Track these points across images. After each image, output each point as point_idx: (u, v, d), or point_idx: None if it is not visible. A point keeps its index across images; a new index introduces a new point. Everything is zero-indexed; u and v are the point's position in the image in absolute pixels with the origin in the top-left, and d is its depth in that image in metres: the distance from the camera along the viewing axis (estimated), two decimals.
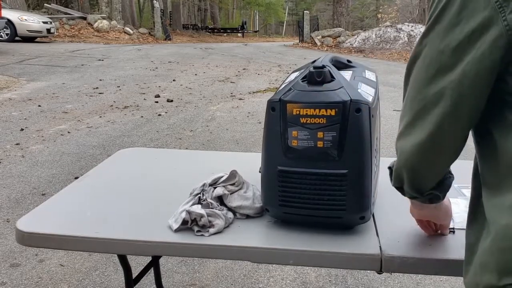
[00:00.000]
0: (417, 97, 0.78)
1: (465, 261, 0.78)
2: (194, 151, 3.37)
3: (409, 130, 0.80)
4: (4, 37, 13.43)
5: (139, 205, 1.35)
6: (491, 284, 0.68)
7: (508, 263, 0.66)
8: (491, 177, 0.73)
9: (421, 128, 0.77)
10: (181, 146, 4.50)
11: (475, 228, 0.77)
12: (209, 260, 2.37)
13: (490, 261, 0.69)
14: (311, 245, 1.11)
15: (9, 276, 2.24)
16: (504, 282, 0.66)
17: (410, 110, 0.79)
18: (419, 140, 0.78)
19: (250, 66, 11.32)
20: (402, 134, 0.82)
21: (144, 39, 19.07)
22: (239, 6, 46.55)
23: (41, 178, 3.52)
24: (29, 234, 1.20)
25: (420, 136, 0.77)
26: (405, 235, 1.15)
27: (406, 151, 0.81)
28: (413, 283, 2.22)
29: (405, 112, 0.81)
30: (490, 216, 0.71)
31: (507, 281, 0.66)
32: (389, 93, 7.37)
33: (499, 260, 0.68)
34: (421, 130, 0.77)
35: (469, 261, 0.76)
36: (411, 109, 0.79)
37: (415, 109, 0.78)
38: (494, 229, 0.69)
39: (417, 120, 0.78)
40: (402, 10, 32.57)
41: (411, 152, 0.80)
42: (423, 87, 0.77)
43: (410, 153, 0.80)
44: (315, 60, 1.21)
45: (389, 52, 15.41)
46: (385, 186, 1.43)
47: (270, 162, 1.15)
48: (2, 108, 5.82)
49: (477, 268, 0.72)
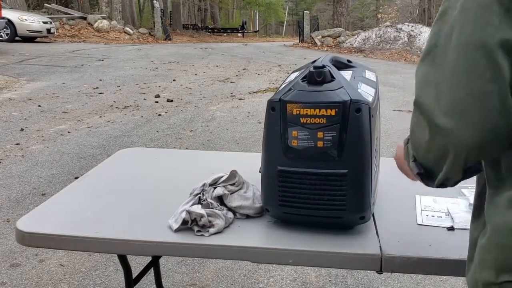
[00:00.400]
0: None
1: (468, 258, 0.78)
2: (194, 151, 3.37)
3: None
4: (4, 37, 13.42)
5: (139, 205, 1.35)
6: (490, 281, 0.68)
7: (506, 260, 0.66)
8: (493, 176, 0.72)
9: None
10: (181, 146, 4.50)
11: (478, 224, 0.76)
12: (209, 260, 2.37)
13: (488, 258, 0.69)
14: (311, 245, 1.11)
15: (9, 276, 2.24)
16: (501, 279, 0.66)
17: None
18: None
19: (250, 66, 11.32)
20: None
21: (144, 39, 19.07)
22: (239, 6, 46.54)
23: (41, 178, 3.52)
24: (29, 234, 1.20)
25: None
26: (405, 235, 1.15)
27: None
28: (413, 283, 2.22)
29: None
30: (488, 213, 0.72)
31: (504, 278, 0.66)
32: (389, 93, 7.37)
33: (496, 257, 0.68)
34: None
35: (471, 258, 0.76)
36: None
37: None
38: (491, 227, 0.69)
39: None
40: (402, 10, 32.60)
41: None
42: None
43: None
44: (315, 60, 1.21)
45: (389, 52, 15.41)
46: (385, 186, 1.43)
47: (270, 162, 1.15)
48: (2, 108, 5.82)
49: (477, 265, 0.72)
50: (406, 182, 1.52)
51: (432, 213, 1.27)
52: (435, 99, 0.66)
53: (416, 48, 15.14)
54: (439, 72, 0.66)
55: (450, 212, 1.25)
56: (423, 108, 0.68)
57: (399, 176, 1.60)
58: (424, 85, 0.69)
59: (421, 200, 1.35)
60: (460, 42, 0.64)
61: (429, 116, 0.67)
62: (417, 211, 1.28)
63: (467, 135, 0.64)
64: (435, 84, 0.67)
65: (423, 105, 0.68)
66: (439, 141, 0.68)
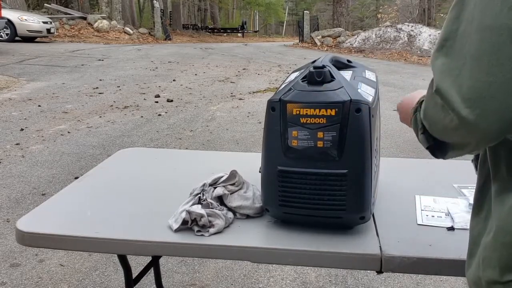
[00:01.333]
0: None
1: (468, 254, 0.77)
2: (194, 151, 3.37)
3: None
4: (4, 37, 13.43)
5: (139, 205, 1.35)
6: (494, 280, 0.67)
7: (506, 258, 0.65)
8: (506, 171, 0.69)
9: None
10: (181, 146, 4.50)
11: (478, 220, 0.75)
12: (209, 260, 2.37)
13: (493, 257, 0.67)
14: (311, 245, 1.11)
15: (9, 276, 2.24)
16: (506, 278, 0.65)
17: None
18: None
19: (250, 66, 11.32)
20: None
21: (144, 39, 19.07)
22: (239, 6, 46.53)
23: (41, 178, 3.52)
24: (29, 234, 1.20)
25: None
26: (405, 235, 1.15)
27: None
28: (413, 283, 2.22)
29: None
30: (494, 210, 0.69)
31: (509, 277, 0.65)
32: (389, 93, 7.37)
33: (502, 256, 0.66)
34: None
35: (472, 254, 0.75)
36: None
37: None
38: (497, 225, 0.67)
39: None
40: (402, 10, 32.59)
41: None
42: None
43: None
44: (315, 60, 1.21)
45: (389, 52, 15.41)
46: (385, 186, 1.43)
47: (270, 162, 1.15)
48: (2, 108, 5.82)
49: (480, 263, 0.70)
50: (406, 182, 1.53)
51: (432, 213, 1.27)
52: (456, 87, 0.63)
53: (416, 48, 15.14)
54: (460, 58, 0.63)
55: (450, 212, 1.25)
56: (444, 97, 0.65)
57: (399, 176, 1.60)
58: (444, 73, 0.65)
59: (421, 200, 1.35)
60: (484, 24, 0.60)
61: (451, 104, 0.64)
62: (417, 211, 1.28)
63: (490, 126, 0.62)
64: (456, 71, 0.63)
65: (444, 93, 0.65)
66: (461, 130, 0.65)
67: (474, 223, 0.77)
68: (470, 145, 0.69)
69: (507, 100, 0.60)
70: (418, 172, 1.63)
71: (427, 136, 0.77)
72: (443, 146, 0.76)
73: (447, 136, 0.71)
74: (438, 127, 0.71)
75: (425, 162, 1.83)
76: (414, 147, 4.46)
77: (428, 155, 0.84)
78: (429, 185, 1.47)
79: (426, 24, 19.36)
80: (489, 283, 0.68)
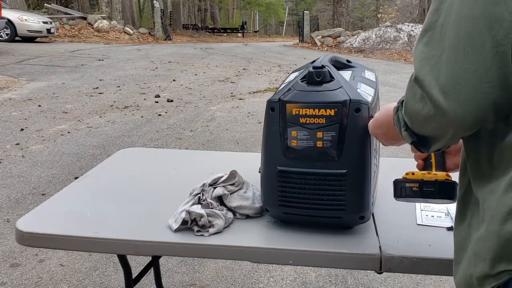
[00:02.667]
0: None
1: (454, 262, 0.76)
2: (194, 151, 3.38)
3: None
4: (4, 37, 13.43)
5: (139, 205, 1.35)
6: (485, 273, 0.65)
7: (503, 248, 0.63)
8: (486, 163, 0.70)
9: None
10: (181, 146, 4.50)
11: (465, 224, 0.74)
12: (209, 260, 2.37)
13: (484, 248, 0.66)
14: (311, 245, 1.11)
15: (9, 276, 2.24)
16: (497, 269, 0.63)
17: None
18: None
19: (250, 66, 11.32)
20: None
21: (144, 39, 19.07)
22: (239, 6, 46.53)
23: (41, 178, 3.52)
24: (29, 234, 1.20)
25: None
26: (405, 235, 1.15)
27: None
28: (413, 283, 2.22)
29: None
30: (483, 205, 0.68)
31: (500, 268, 0.63)
32: (389, 93, 7.37)
33: (493, 245, 0.64)
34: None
35: (458, 260, 0.74)
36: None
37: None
38: (489, 215, 0.66)
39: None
40: (402, 10, 32.56)
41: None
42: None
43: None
44: (315, 60, 1.21)
45: (389, 52, 15.41)
46: (385, 186, 1.43)
47: (269, 162, 1.15)
48: (2, 108, 5.83)
49: (471, 260, 0.69)
50: None
51: (432, 213, 1.27)
52: (434, 75, 0.65)
53: None
54: (439, 46, 0.66)
55: (449, 212, 1.26)
56: (422, 85, 0.67)
57: (399, 176, 1.60)
58: (423, 61, 0.67)
59: None
60: (461, 14, 0.63)
61: (428, 92, 0.66)
62: (417, 211, 1.28)
63: (465, 113, 0.63)
64: (435, 59, 0.66)
65: (422, 81, 0.67)
66: (438, 118, 0.67)
67: (458, 231, 0.76)
68: (447, 134, 0.70)
69: (481, 87, 0.61)
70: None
71: (410, 133, 0.79)
72: (425, 140, 0.78)
73: (426, 127, 0.73)
74: (418, 119, 0.73)
75: None
76: None
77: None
78: None
79: None
80: (480, 279, 0.66)
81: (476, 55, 0.61)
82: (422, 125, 0.74)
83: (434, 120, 0.68)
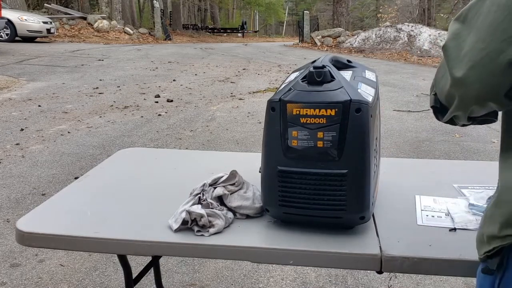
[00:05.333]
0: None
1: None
2: (194, 151, 3.38)
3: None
4: (4, 37, 13.43)
5: (139, 205, 1.35)
6: (493, 234, 0.77)
7: (506, 215, 0.74)
8: (505, 137, 0.81)
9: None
10: (181, 146, 4.50)
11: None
12: (209, 260, 2.37)
13: (496, 214, 0.77)
14: (311, 245, 1.11)
15: (9, 276, 2.24)
16: (504, 233, 0.74)
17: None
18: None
19: (250, 66, 11.32)
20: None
21: (144, 39, 19.07)
22: (239, 6, 46.54)
23: (41, 178, 3.52)
24: (29, 234, 1.20)
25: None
26: (405, 235, 1.15)
27: None
28: (413, 283, 2.22)
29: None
30: (500, 174, 0.80)
31: (506, 232, 0.74)
32: (389, 93, 7.37)
33: (503, 212, 0.75)
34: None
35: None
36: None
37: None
38: (502, 184, 0.78)
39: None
40: (402, 10, 32.56)
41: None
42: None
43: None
44: (315, 60, 1.21)
45: (389, 52, 15.41)
46: (385, 186, 1.43)
47: (270, 162, 1.15)
48: (2, 108, 5.82)
49: (485, 221, 0.80)
50: (406, 182, 1.53)
51: (432, 213, 1.27)
52: (457, 49, 0.75)
53: (416, 48, 15.14)
54: (469, 27, 0.75)
55: (450, 212, 1.25)
56: (447, 54, 0.77)
57: (399, 176, 1.60)
58: (453, 36, 0.77)
59: (421, 200, 1.35)
60: (497, 2, 0.71)
61: (449, 62, 0.76)
62: (417, 211, 1.28)
63: (472, 86, 0.73)
64: (463, 37, 0.75)
65: (447, 51, 0.77)
66: (450, 84, 0.77)
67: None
68: (456, 103, 0.79)
69: (490, 67, 0.71)
70: (418, 172, 1.63)
71: (436, 98, 0.88)
72: (444, 109, 0.87)
73: (443, 94, 0.82)
74: (439, 83, 0.83)
75: (425, 162, 1.84)
76: (414, 147, 4.46)
77: (428, 155, 0.86)
78: (429, 185, 1.47)
79: (426, 24, 19.35)
80: (489, 238, 0.78)
81: (493, 37, 0.70)
82: (441, 89, 0.83)
83: (448, 85, 0.78)
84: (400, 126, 5.25)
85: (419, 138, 4.82)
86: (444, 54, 0.78)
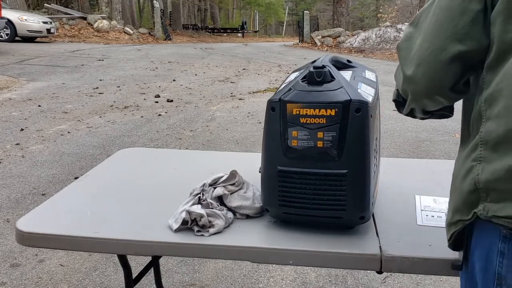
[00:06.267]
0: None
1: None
2: (194, 151, 3.37)
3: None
4: (4, 37, 13.43)
5: (139, 205, 1.35)
6: (449, 222, 0.85)
7: (455, 202, 0.83)
8: (465, 131, 0.87)
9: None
10: (181, 146, 4.50)
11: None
12: (209, 260, 2.37)
13: (449, 203, 0.87)
14: (311, 245, 1.11)
15: (9, 276, 2.24)
16: (455, 218, 0.83)
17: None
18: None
19: (250, 66, 11.32)
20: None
21: (144, 39, 19.07)
22: (239, 6, 46.53)
23: (41, 178, 3.52)
24: (29, 234, 1.20)
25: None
26: (405, 235, 1.15)
27: None
28: (413, 283, 2.22)
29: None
30: (457, 163, 0.87)
31: (456, 218, 0.82)
32: (389, 93, 7.35)
33: (452, 200, 0.85)
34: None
35: None
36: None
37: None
38: (455, 174, 0.86)
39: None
40: (402, 10, 32.54)
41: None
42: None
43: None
44: (315, 60, 1.21)
45: (389, 52, 15.40)
46: (385, 186, 1.43)
47: (270, 162, 1.15)
48: (2, 108, 5.82)
49: (447, 209, 0.88)
50: (406, 182, 1.53)
51: (432, 213, 1.27)
52: (408, 50, 0.84)
53: None
54: (420, 30, 0.83)
55: None
56: (400, 54, 0.86)
57: (399, 176, 1.60)
58: (406, 38, 0.86)
59: (421, 200, 1.35)
60: (439, 5, 0.79)
61: (402, 61, 0.85)
62: (417, 211, 1.28)
63: (420, 82, 0.81)
64: (414, 39, 0.83)
65: (400, 51, 0.86)
66: (403, 81, 0.86)
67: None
68: (409, 96, 0.88)
69: (434, 64, 0.78)
70: (418, 172, 1.63)
71: (398, 93, 0.96)
72: (404, 103, 0.94)
73: (400, 90, 0.91)
74: (397, 81, 0.92)
75: (425, 162, 1.83)
76: (414, 147, 4.46)
77: (428, 155, 0.88)
78: (429, 185, 1.47)
79: None
80: (448, 225, 0.87)
81: (437, 38, 0.78)
82: (398, 86, 0.92)
83: (402, 82, 0.86)
84: (400, 126, 5.25)
85: (419, 138, 4.82)
86: (398, 54, 0.86)
